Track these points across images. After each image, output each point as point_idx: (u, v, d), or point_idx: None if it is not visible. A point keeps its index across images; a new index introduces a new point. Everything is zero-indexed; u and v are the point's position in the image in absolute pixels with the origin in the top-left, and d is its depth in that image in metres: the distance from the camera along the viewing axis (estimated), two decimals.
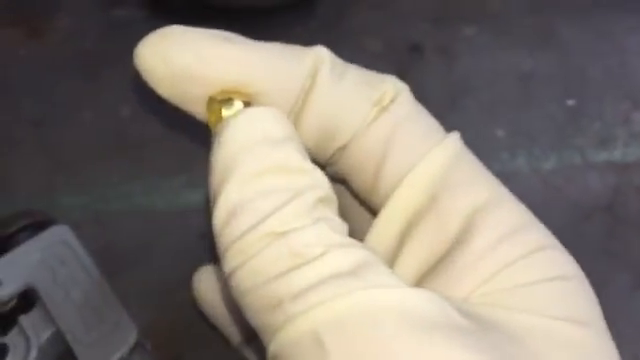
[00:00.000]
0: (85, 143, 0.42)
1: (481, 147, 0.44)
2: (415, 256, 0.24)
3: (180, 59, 0.23)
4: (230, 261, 0.21)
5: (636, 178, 0.42)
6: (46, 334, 0.32)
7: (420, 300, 0.20)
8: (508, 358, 0.21)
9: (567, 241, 0.41)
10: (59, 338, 0.32)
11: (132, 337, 0.31)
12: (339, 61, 0.26)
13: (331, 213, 0.22)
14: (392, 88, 0.26)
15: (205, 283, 0.33)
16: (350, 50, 0.46)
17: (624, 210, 0.41)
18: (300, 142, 0.23)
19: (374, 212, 0.26)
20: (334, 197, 0.23)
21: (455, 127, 0.44)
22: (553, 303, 0.23)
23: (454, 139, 0.26)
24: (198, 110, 0.25)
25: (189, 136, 0.41)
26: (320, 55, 0.25)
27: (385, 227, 0.25)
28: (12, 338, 0.32)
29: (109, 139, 0.42)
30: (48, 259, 0.33)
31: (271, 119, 0.23)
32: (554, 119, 0.43)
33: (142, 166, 0.42)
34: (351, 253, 0.21)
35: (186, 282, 0.35)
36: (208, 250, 0.39)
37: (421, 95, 0.45)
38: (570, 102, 0.44)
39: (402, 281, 0.21)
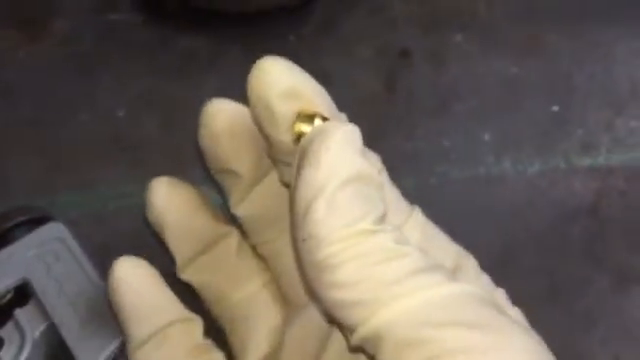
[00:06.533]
0: (82, 143, 0.43)
1: (468, 151, 0.45)
2: None
3: (302, 74, 0.27)
4: (328, 248, 0.24)
5: (619, 182, 0.43)
6: (41, 328, 0.33)
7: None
8: None
9: (551, 242, 0.43)
10: (53, 331, 0.33)
11: None
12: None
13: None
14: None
15: (162, 191, 0.33)
16: (341, 56, 0.48)
17: (607, 213, 0.42)
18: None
19: None
20: None
21: (443, 131, 0.45)
22: None
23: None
24: (278, 131, 0.27)
25: (184, 137, 0.42)
26: None
27: None
28: (7, 332, 0.33)
29: (105, 140, 0.43)
30: (43, 254, 0.34)
31: (356, 131, 0.26)
32: (539, 124, 0.44)
33: (138, 166, 0.42)
34: (427, 256, 0.25)
35: (180, 283, 0.35)
36: None
37: (410, 99, 0.47)
38: (555, 108, 0.45)
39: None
